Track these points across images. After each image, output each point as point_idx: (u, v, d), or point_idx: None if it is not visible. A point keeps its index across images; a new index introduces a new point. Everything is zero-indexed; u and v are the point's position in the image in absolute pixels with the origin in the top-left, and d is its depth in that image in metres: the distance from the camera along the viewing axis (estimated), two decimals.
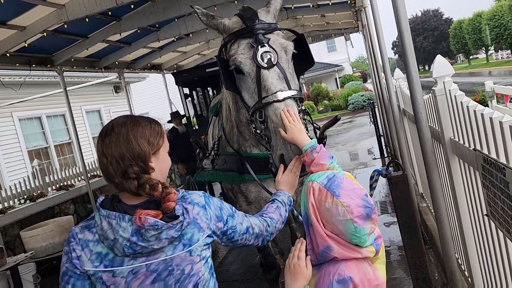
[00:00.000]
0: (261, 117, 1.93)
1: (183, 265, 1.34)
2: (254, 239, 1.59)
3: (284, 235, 5.23)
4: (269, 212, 1.70)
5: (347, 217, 1.40)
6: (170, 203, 1.32)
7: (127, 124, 1.39)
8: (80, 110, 13.36)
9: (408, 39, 2.35)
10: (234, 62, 2.01)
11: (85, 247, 1.33)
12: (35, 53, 6.21)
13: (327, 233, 1.45)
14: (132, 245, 1.28)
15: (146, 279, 1.32)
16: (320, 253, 1.47)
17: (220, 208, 1.48)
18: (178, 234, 1.33)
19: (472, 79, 28.78)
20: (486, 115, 1.75)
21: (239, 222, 1.52)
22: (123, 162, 1.33)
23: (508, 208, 1.60)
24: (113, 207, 1.35)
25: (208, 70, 5.99)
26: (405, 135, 5.02)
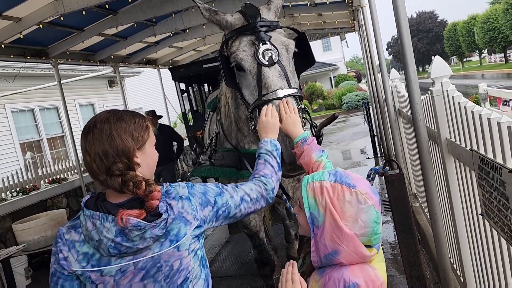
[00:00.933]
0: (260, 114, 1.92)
1: (172, 261, 1.34)
2: (255, 204, 1.57)
3: (278, 232, 5.26)
4: (259, 170, 1.67)
5: (368, 204, 1.37)
6: (153, 202, 1.30)
7: (110, 119, 1.36)
8: (73, 103, 13.28)
9: (408, 39, 2.37)
10: (235, 59, 2.02)
11: (72, 248, 1.32)
12: (30, 45, 6.16)
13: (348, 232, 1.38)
14: (117, 246, 1.28)
15: (134, 277, 1.32)
16: (326, 256, 1.41)
17: (204, 193, 1.46)
18: (163, 232, 1.31)
19: (466, 81, 29.02)
20: (484, 115, 1.78)
21: (229, 196, 1.51)
22: (107, 159, 1.31)
23: (504, 208, 1.62)
24: (97, 206, 1.33)
25: (205, 66, 5.99)
26: (400, 135, 5.06)
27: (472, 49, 53.25)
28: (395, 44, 72.27)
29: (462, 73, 44.37)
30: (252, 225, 2.98)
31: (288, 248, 4.52)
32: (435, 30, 66.74)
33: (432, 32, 67.12)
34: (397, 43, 32.88)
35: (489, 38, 43.62)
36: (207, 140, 3.40)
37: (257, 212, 1.62)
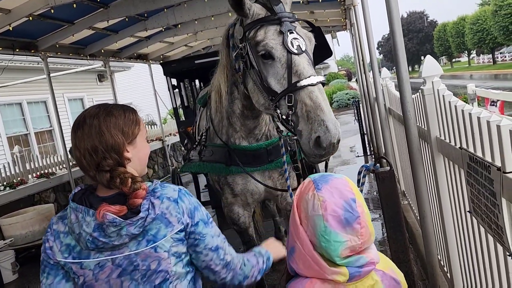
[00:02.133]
0: (290, 101, 1.93)
1: (149, 261, 1.32)
2: (221, 267, 1.45)
3: (268, 229, 5.27)
4: (246, 255, 1.61)
5: (318, 212, 1.27)
6: (136, 200, 1.29)
7: (100, 115, 1.36)
8: (62, 97, 13.14)
9: (400, 38, 2.39)
10: (265, 47, 2.01)
11: (57, 238, 1.35)
12: (19, 37, 6.08)
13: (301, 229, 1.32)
14: (94, 240, 1.28)
15: (112, 273, 1.32)
16: (288, 254, 1.37)
17: (195, 207, 1.40)
18: (140, 231, 1.30)
19: (454, 81, 29.37)
20: (474, 114, 1.81)
21: (210, 234, 1.41)
22: (96, 154, 1.31)
23: (492, 205, 1.65)
24: (81, 200, 1.34)
25: (197, 61, 5.96)
26: (390, 133, 5.11)
27: (461, 49, 53.90)
28: (386, 44, 72.77)
29: (450, 73, 44.87)
30: (241, 221, 2.99)
31: None
32: (425, 30, 67.39)
33: (422, 32, 67.76)
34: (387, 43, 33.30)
35: (478, 39, 44.18)
36: (197, 136, 3.39)
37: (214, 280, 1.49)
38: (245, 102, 2.44)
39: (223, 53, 2.42)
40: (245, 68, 2.18)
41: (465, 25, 47.83)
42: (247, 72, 2.17)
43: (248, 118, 2.55)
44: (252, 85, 2.17)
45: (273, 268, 4.38)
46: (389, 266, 1.46)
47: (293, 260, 1.35)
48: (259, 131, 2.65)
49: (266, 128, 2.68)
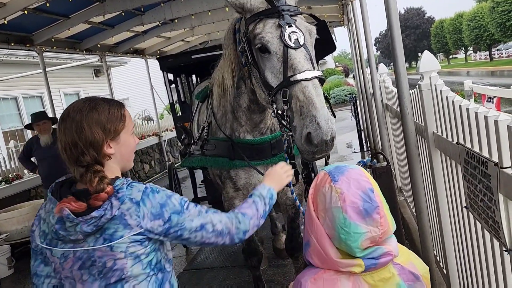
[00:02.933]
0: (285, 96, 1.91)
1: (105, 258, 1.34)
2: (216, 237, 1.47)
3: (264, 224, 5.27)
4: (242, 207, 1.61)
5: (337, 205, 1.25)
6: (96, 202, 1.31)
7: (83, 110, 1.37)
8: (58, 92, 13.07)
9: (397, 33, 2.38)
10: (261, 40, 1.99)
11: (38, 224, 1.43)
12: (15, 31, 6.03)
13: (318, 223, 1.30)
14: (56, 232, 1.35)
15: (74, 265, 1.36)
16: (304, 247, 1.37)
17: (161, 205, 1.37)
18: (94, 229, 1.31)
19: (451, 78, 29.41)
20: (471, 110, 1.80)
21: (188, 219, 1.41)
22: (76, 149, 1.35)
23: (489, 200, 1.65)
24: (57, 190, 1.39)
25: (194, 56, 5.93)
26: (387, 129, 5.11)
27: (458, 46, 53.95)
28: (383, 40, 72.75)
29: (447, 69, 44.93)
30: None
31: (274, 240, 4.54)
32: (423, 27, 67.39)
33: (420, 29, 67.75)
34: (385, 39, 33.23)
35: (475, 36, 44.22)
36: (195, 131, 3.37)
37: (217, 245, 1.53)
38: (252, 96, 2.42)
39: (230, 47, 2.39)
40: (247, 63, 2.16)
41: (463, 21, 47.85)
42: (249, 66, 2.16)
43: (254, 112, 2.54)
44: (254, 80, 2.17)
45: (277, 264, 4.36)
46: (410, 259, 1.42)
47: (308, 254, 1.33)
48: (264, 125, 2.64)
49: (271, 122, 2.67)
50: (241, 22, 2.24)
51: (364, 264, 1.27)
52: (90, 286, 1.36)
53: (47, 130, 5.29)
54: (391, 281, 1.31)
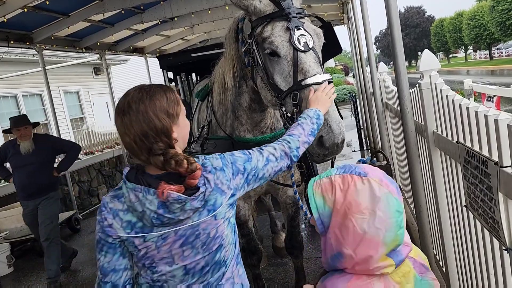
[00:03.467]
0: (295, 99, 1.92)
1: (209, 229, 1.42)
2: (279, 162, 1.60)
3: (263, 223, 5.28)
4: (289, 130, 1.71)
5: (384, 190, 1.21)
6: (193, 181, 1.36)
7: (144, 99, 1.38)
8: (58, 90, 13.05)
9: (398, 32, 2.38)
10: (271, 44, 1.98)
11: (116, 216, 1.40)
12: (14, 29, 6.03)
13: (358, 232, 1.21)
14: (160, 217, 1.35)
15: (174, 243, 1.40)
16: (332, 257, 1.28)
17: (233, 163, 1.51)
18: (202, 204, 1.39)
19: (451, 77, 29.38)
20: (472, 108, 1.80)
21: (256, 160, 1.56)
22: (147, 139, 1.35)
23: (488, 199, 1.65)
24: (137, 179, 1.39)
25: (193, 55, 5.94)
26: (387, 128, 5.11)
27: (458, 45, 53.92)
28: (383, 39, 72.70)
29: (447, 68, 44.92)
30: (241, 214, 2.98)
31: (274, 239, 4.54)
32: (422, 26, 67.33)
33: (419, 28, 67.70)
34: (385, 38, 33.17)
35: (475, 35, 44.19)
36: (195, 129, 3.37)
37: (283, 170, 1.65)
38: (254, 95, 2.42)
39: (232, 47, 2.38)
40: (253, 64, 2.15)
41: (463, 20, 47.83)
42: (255, 68, 2.14)
43: (255, 111, 2.54)
44: (260, 81, 2.15)
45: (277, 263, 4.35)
46: (417, 253, 1.43)
47: (341, 264, 1.26)
48: (264, 124, 2.64)
49: (271, 121, 2.68)
50: (244, 22, 2.22)
51: (394, 263, 1.25)
52: (192, 259, 1.43)
53: (28, 136, 4.71)
54: (409, 275, 1.30)
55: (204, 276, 1.47)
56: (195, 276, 1.46)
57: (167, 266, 1.43)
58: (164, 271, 1.43)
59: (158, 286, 1.47)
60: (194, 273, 1.45)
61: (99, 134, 10.17)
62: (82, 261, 5.60)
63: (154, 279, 1.46)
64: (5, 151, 4.90)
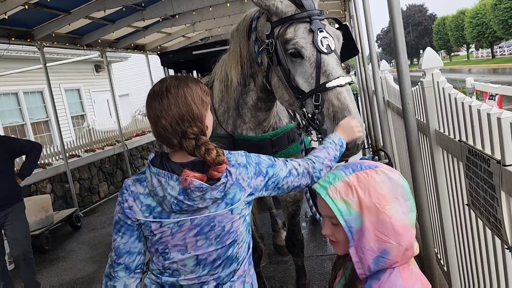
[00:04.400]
0: (317, 101, 1.93)
1: (224, 222, 1.46)
2: (300, 179, 1.62)
3: (264, 221, 5.27)
4: (314, 152, 1.74)
5: (396, 175, 1.26)
6: (217, 173, 1.39)
7: (181, 86, 1.44)
8: (59, 88, 13.05)
9: (400, 29, 2.37)
10: (295, 46, 1.98)
11: (137, 199, 1.44)
12: (15, 26, 6.03)
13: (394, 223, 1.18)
14: (179, 203, 1.39)
15: (189, 232, 1.44)
16: (375, 260, 1.19)
17: (258, 163, 1.55)
18: (221, 195, 1.42)
19: (453, 75, 29.35)
20: (474, 107, 1.79)
21: (279, 169, 1.59)
22: (183, 123, 1.40)
23: (491, 198, 1.64)
24: (162, 165, 1.43)
25: (194, 52, 5.93)
26: (389, 126, 5.09)
27: (460, 43, 53.81)
28: (385, 37, 72.56)
29: (449, 67, 44.85)
30: None
31: (275, 237, 4.54)
32: (424, 24, 67.20)
33: (421, 26, 67.57)
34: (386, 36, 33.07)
35: (477, 33, 44.09)
36: None
37: (302, 188, 1.67)
38: (262, 94, 2.42)
39: (243, 45, 2.36)
40: (270, 64, 2.14)
41: (465, 18, 47.71)
42: (272, 68, 2.13)
43: (260, 110, 2.53)
44: (277, 81, 2.14)
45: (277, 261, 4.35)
46: None
47: (388, 262, 1.19)
48: (267, 123, 2.64)
49: (274, 120, 2.68)
50: (259, 22, 2.21)
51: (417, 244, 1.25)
52: (205, 250, 1.46)
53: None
54: None
55: (215, 270, 1.50)
56: (206, 268, 1.49)
57: (179, 254, 1.46)
58: (176, 258, 1.46)
59: (169, 273, 1.50)
60: (205, 264, 1.48)
61: (99, 132, 10.15)
62: (82, 258, 5.60)
63: (165, 266, 1.49)
64: None
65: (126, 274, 1.49)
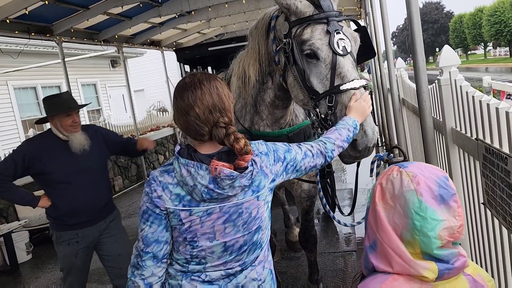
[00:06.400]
0: (331, 102, 1.96)
1: (251, 208, 1.53)
2: (315, 159, 1.70)
3: (277, 217, 5.30)
4: (326, 134, 1.81)
5: (410, 188, 1.09)
6: (243, 163, 1.45)
7: (212, 79, 1.53)
8: (76, 82, 13.25)
9: (418, 27, 2.36)
10: (311, 47, 1.99)
11: (165, 188, 1.49)
12: (35, 21, 6.13)
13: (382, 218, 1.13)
14: (210, 192, 1.45)
15: (218, 219, 1.50)
16: (368, 248, 1.18)
17: (275, 150, 1.63)
18: (249, 182, 1.49)
19: (469, 74, 28.88)
20: (492, 105, 1.79)
21: (295, 152, 1.67)
22: (215, 112, 1.47)
23: (507, 197, 1.64)
24: (190, 156, 1.48)
25: (210, 48, 5.97)
26: (403, 124, 5.07)
27: (478, 42, 52.91)
28: (400, 34, 71.72)
29: (465, 65, 44.14)
30: None
31: (287, 233, 4.56)
32: (441, 21, 66.23)
33: (438, 23, 66.61)
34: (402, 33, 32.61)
35: (495, 31, 43.31)
36: None
37: (318, 167, 1.75)
38: (279, 92, 2.44)
39: (262, 43, 2.38)
40: (286, 63, 2.16)
41: (483, 16, 46.88)
42: (289, 67, 2.15)
43: (277, 108, 2.56)
44: (292, 80, 2.16)
45: (290, 257, 4.36)
46: (478, 271, 1.20)
47: (375, 256, 1.15)
48: (284, 120, 2.66)
49: (290, 117, 2.70)
50: (278, 21, 2.23)
51: (437, 269, 1.07)
52: (233, 237, 1.53)
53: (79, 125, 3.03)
54: None
55: (241, 255, 1.57)
56: (233, 254, 1.55)
57: (208, 241, 1.51)
58: (205, 246, 1.51)
59: (196, 262, 1.55)
60: (233, 251, 1.55)
61: (115, 126, 10.28)
62: None
63: (193, 255, 1.54)
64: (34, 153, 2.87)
65: (153, 263, 1.53)
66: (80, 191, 2.90)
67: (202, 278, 1.56)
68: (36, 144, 2.96)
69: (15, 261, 5.35)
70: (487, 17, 44.78)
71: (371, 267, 1.17)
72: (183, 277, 1.57)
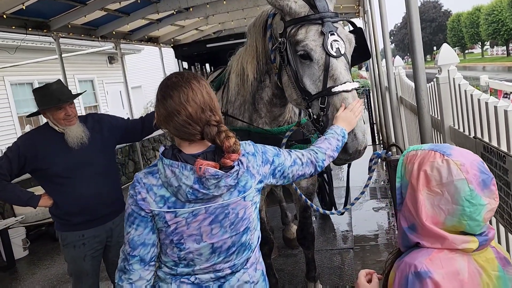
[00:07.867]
0: (323, 103, 1.96)
1: (238, 209, 1.51)
2: (304, 168, 1.70)
3: (274, 214, 5.30)
4: (316, 143, 1.80)
5: (461, 176, 1.14)
6: (229, 161, 1.43)
7: (198, 78, 1.51)
8: (73, 78, 13.19)
9: (416, 24, 2.37)
10: (305, 48, 1.99)
11: (150, 190, 1.46)
12: (32, 16, 6.08)
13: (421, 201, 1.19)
14: (195, 192, 1.42)
15: (204, 220, 1.47)
16: (405, 230, 1.24)
17: (264, 152, 1.61)
18: (235, 182, 1.46)
19: (466, 73, 28.95)
20: (491, 103, 1.79)
21: (284, 158, 1.66)
22: (207, 111, 1.46)
23: (505, 195, 1.65)
24: (174, 156, 1.46)
25: (208, 45, 5.96)
26: (401, 123, 5.08)
27: (475, 40, 53.04)
28: (398, 33, 71.78)
29: (462, 64, 44.24)
30: None
31: (285, 230, 4.57)
32: (439, 20, 66.33)
33: (436, 22, 66.71)
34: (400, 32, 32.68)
35: (492, 30, 43.42)
36: None
37: (306, 177, 1.74)
38: (277, 91, 2.43)
39: (259, 41, 2.38)
40: (281, 63, 2.16)
41: (480, 15, 46.98)
42: (283, 66, 2.15)
43: (275, 106, 2.56)
44: (286, 80, 2.16)
45: (287, 254, 4.36)
46: (498, 245, 1.32)
47: (419, 236, 1.22)
48: (282, 118, 2.66)
49: (289, 115, 2.70)
50: (274, 19, 2.22)
51: (478, 241, 1.17)
52: (220, 238, 1.50)
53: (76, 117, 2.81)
54: (493, 263, 1.21)
55: (229, 257, 1.54)
56: (221, 256, 1.52)
57: (195, 243, 1.48)
58: (192, 248, 1.48)
59: (184, 264, 1.52)
60: (221, 252, 1.52)
61: None
62: None
63: (180, 257, 1.51)
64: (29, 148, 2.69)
65: (141, 266, 1.50)
66: (82, 187, 2.68)
67: (191, 281, 1.53)
68: (32, 139, 2.75)
69: (11, 257, 5.33)
70: (484, 16, 44.86)
71: (412, 244, 1.23)
72: (172, 280, 1.54)
